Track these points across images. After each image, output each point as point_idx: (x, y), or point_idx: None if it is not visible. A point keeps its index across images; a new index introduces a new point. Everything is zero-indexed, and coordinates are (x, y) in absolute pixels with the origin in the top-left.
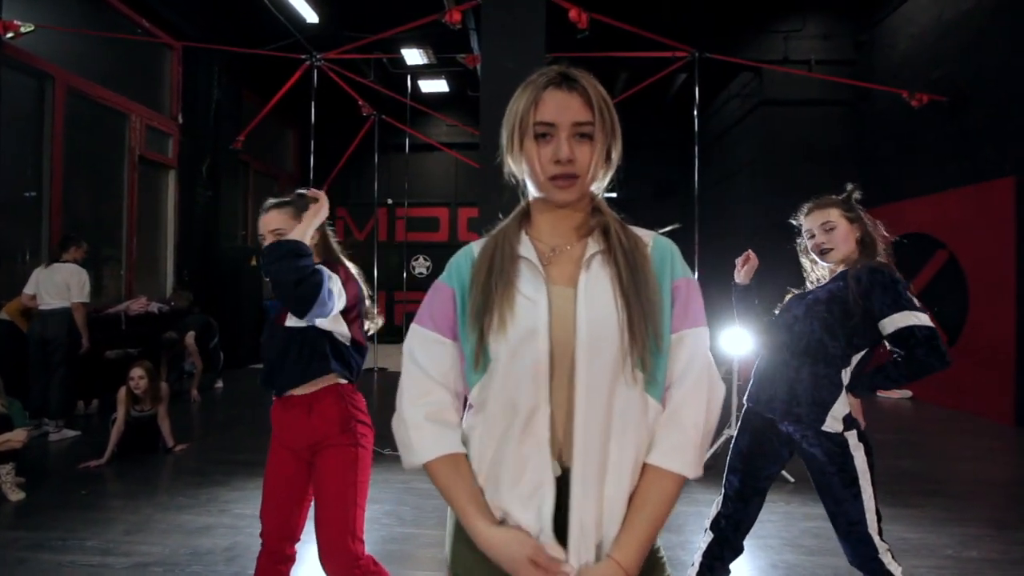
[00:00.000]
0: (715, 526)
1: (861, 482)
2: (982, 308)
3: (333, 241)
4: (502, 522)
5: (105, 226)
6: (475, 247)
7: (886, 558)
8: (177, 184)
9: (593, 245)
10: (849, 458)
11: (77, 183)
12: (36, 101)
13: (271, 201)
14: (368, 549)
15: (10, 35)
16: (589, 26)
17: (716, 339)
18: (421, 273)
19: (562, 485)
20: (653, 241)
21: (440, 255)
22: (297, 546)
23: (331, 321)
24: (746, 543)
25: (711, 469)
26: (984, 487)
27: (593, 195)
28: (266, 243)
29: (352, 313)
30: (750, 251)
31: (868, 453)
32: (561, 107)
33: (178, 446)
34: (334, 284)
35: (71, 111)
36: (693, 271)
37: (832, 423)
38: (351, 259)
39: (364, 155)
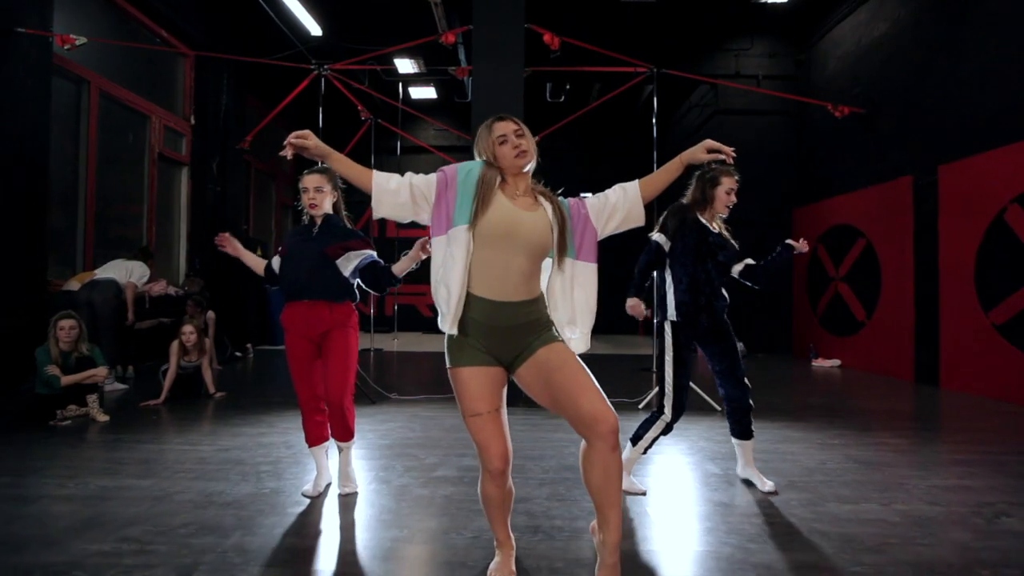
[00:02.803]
0: (675, 413)
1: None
2: (891, 286)
3: (341, 203)
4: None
5: (128, 216)
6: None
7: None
8: (189, 180)
9: (532, 195)
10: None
11: (107, 177)
12: (74, 104)
13: (314, 168)
14: (388, 448)
15: (68, 47)
16: (561, 47)
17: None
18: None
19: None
20: (560, 201)
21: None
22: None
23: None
24: (675, 441)
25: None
26: (865, 414)
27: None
28: (307, 196)
29: None
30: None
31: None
32: (506, 127)
33: (218, 392)
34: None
35: (102, 112)
36: None
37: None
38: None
39: (357, 156)
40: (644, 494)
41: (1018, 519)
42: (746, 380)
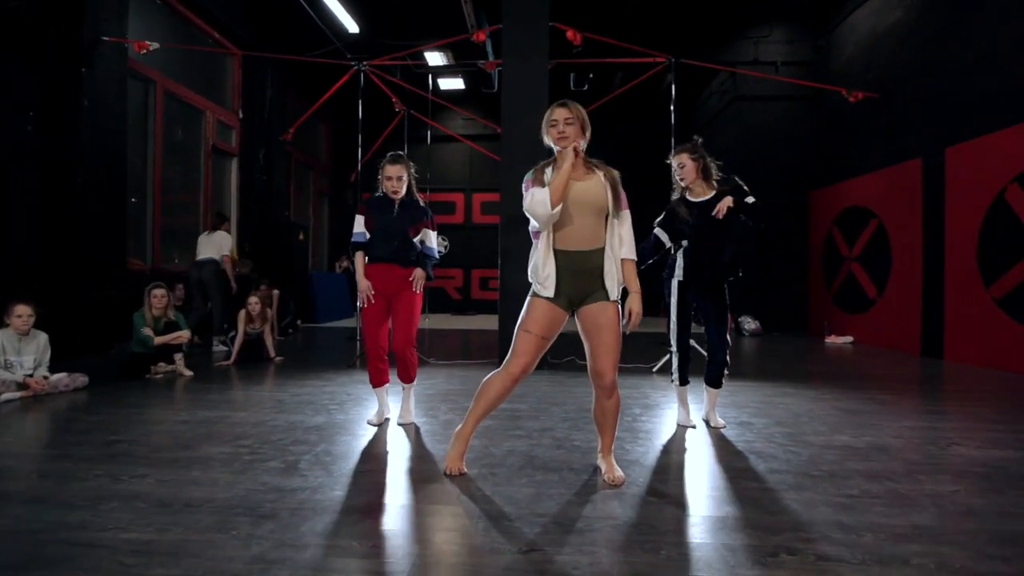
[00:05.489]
0: (680, 350)
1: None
2: (901, 264)
3: (415, 185)
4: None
5: (187, 204)
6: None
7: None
8: (239, 169)
9: (588, 170)
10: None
11: (169, 168)
12: (142, 102)
13: (393, 155)
14: (432, 397)
15: (144, 51)
16: (583, 42)
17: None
18: (440, 252)
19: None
20: (609, 169)
21: (457, 236)
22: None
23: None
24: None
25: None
26: (861, 378)
27: (584, 153)
28: (391, 183)
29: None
30: None
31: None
32: (559, 114)
33: (277, 357)
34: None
35: (166, 109)
36: None
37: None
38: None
39: (391, 145)
40: (694, 427)
41: (968, 447)
42: (728, 339)
